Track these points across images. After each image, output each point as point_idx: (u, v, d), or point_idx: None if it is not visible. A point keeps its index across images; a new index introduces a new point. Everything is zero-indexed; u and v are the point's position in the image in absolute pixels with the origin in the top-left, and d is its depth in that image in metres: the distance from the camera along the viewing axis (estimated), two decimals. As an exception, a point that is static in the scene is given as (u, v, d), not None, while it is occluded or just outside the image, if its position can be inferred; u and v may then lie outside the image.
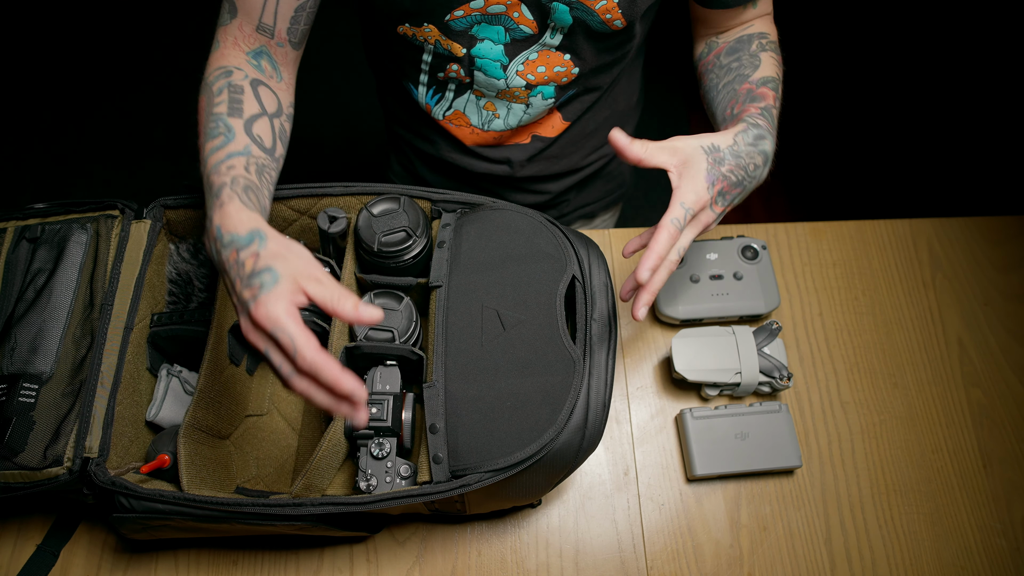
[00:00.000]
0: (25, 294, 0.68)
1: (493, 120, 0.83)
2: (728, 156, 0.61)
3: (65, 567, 0.74)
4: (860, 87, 2.15)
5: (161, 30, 2.30)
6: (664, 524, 0.78)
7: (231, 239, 0.54)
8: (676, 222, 0.59)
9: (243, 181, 0.58)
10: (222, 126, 0.61)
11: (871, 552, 0.77)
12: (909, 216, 0.99)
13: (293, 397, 0.81)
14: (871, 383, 0.86)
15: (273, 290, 0.50)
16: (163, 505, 0.60)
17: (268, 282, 0.50)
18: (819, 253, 0.95)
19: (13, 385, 0.63)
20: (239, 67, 0.66)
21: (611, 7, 0.69)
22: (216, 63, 0.67)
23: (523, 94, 0.79)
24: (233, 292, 0.53)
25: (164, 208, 0.74)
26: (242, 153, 0.60)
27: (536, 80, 0.77)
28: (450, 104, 0.83)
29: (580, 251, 0.68)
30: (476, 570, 0.75)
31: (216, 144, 0.60)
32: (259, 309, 0.50)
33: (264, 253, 0.52)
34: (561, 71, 0.77)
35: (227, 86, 0.64)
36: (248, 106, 0.63)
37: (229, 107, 0.62)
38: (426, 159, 0.96)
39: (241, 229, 0.54)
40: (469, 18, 0.71)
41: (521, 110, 0.82)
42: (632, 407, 0.84)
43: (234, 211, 0.55)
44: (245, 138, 0.61)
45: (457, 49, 0.74)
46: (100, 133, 2.13)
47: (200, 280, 0.77)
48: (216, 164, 0.59)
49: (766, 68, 0.73)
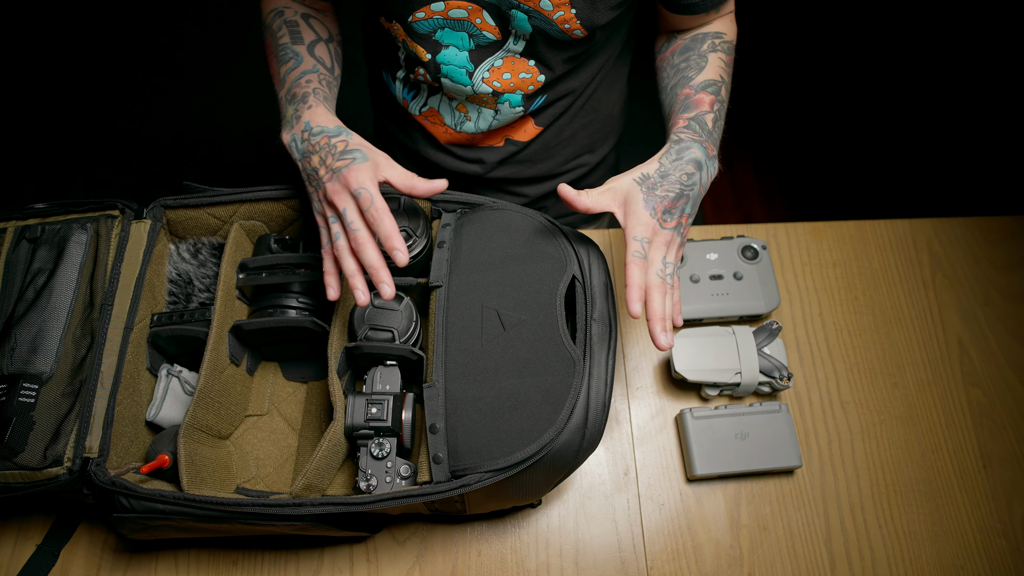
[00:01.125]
0: (25, 294, 0.68)
1: (465, 122, 0.84)
2: (658, 179, 0.65)
3: (65, 567, 0.74)
4: (860, 87, 2.15)
5: (161, 30, 2.30)
6: (664, 524, 0.78)
7: (321, 129, 0.65)
8: (637, 254, 0.61)
9: (323, 93, 0.69)
10: (290, 52, 0.72)
11: (871, 552, 0.77)
12: (909, 216, 0.99)
13: (293, 397, 0.81)
14: (871, 383, 0.86)
15: (363, 163, 0.62)
16: (163, 505, 0.60)
17: (359, 158, 0.63)
18: (819, 253, 0.95)
19: (13, 385, 0.63)
20: (287, 6, 0.76)
21: (568, 17, 0.69)
22: (268, 7, 0.78)
23: (491, 100, 0.79)
24: (322, 165, 0.64)
25: (164, 208, 0.74)
26: (313, 71, 0.71)
27: (503, 87, 0.78)
28: (425, 101, 0.85)
29: (580, 251, 0.68)
30: (476, 570, 0.75)
31: (290, 66, 0.72)
32: (351, 173, 0.61)
33: (352, 141, 0.64)
34: (527, 78, 0.77)
35: (284, 22, 0.74)
36: (306, 34, 0.74)
37: (291, 37, 0.73)
38: (406, 152, 0.96)
39: (330, 124, 0.66)
40: (431, 22, 0.72)
41: (491, 115, 0.82)
42: (632, 407, 0.84)
43: (323, 112, 0.67)
44: (311, 59, 0.72)
45: (422, 53, 0.75)
46: (100, 133, 2.12)
47: (200, 280, 0.77)
48: (296, 79, 0.70)
49: (710, 70, 0.74)
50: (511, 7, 0.69)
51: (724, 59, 0.76)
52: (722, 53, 0.76)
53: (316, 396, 0.79)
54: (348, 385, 0.71)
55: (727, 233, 0.93)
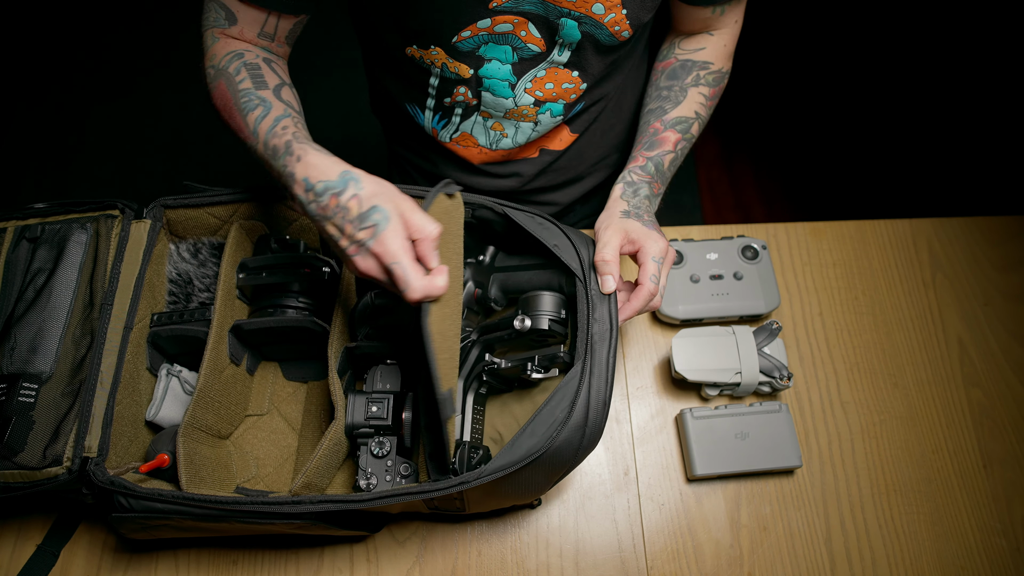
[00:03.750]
0: (25, 294, 0.68)
1: (501, 140, 0.83)
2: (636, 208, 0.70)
3: (65, 567, 0.74)
4: (860, 87, 2.15)
5: (161, 31, 2.30)
6: (664, 524, 0.78)
7: (325, 186, 0.57)
8: (654, 278, 0.65)
9: (302, 135, 0.61)
10: (255, 98, 0.65)
11: (871, 552, 0.77)
12: (909, 216, 0.99)
13: (293, 397, 0.81)
14: (871, 383, 0.86)
15: (388, 228, 0.55)
16: (161, 504, 0.60)
17: (382, 221, 0.55)
18: (819, 253, 0.95)
19: (13, 385, 0.63)
20: (247, 49, 0.69)
21: (620, 19, 0.69)
22: (223, 51, 0.69)
23: (531, 111, 0.79)
24: (343, 236, 0.57)
25: (164, 208, 0.74)
26: (286, 115, 0.63)
27: (544, 97, 0.77)
28: (457, 127, 0.83)
29: (581, 250, 0.68)
30: (476, 570, 0.75)
31: (259, 115, 0.63)
32: (378, 246, 0.55)
33: (364, 194, 0.56)
34: (569, 88, 0.77)
35: (243, 65, 0.67)
36: (269, 78, 0.67)
37: (253, 81, 0.66)
38: (430, 178, 0.95)
39: (331, 174, 0.57)
40: (476, 38, 0.70)
41: (529, 128, 0.81)
42: (632, 407, 0.84)
43: (315, 160, 0.58)
44: (281, 104, 0.65)
45: (464, 71, 0.74)
46: (100, 133, 2.13)
47: (200, 280, 0.77)
48: (269, 129, 0.62)
49: (686, 106, 0.78)
50: (560, 15, 0.68)
51: (705, 93, 0.79)
52: (704, 87, 0.79)
53: (316, 396, 0.79)
54: (348, 384, 0.71)
55: (727, 233, 0.93)
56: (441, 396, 0.56)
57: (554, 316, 0.67)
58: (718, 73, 0.80)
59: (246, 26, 0.69)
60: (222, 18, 0.69)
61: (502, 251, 0.75)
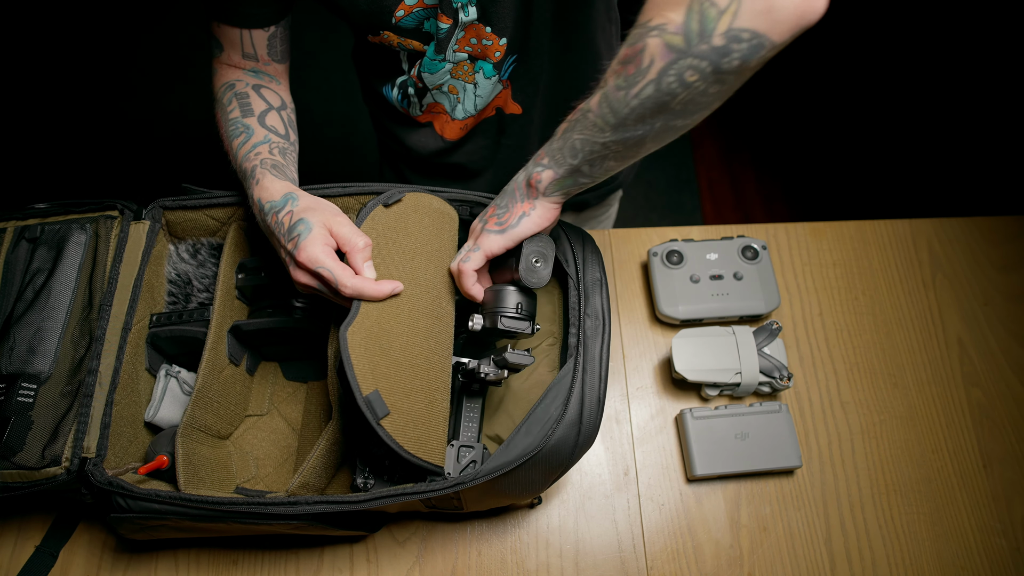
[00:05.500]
0: (24, 294, 0.68)
1: (456, 105, 0.82)
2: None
3: (65, 567, 0.74)
4: (860, 87, 2.14)
5: (161, 31, 2.30)
6: (664, 524, 0.78)
7: (270, 206, 0.64)
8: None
9: (270, 162, 0.68)
10: (240, 126, 0.71)
11: (871, 552, 0.77)
12: (909, 216, 0.99)
13: (293, 397, 0.81)
14: (871, 383, 0.86)
15: (309, 236, 0.60)
16: (159, 505, 0.60)
17: (303, 231, 0.60)
18: (819, 253, 0.94)
19: (11, 385, 0.63)
20: (239, 79, 0.75)
21: None
22: (219, 81, 0.76)
23: (469, 68, 0.78)
24: (281, 248, 0.63)
25: (163, 209, 0.74)
26: (263, 142, 0.70)
27: (473, 51, 0.75)
28: (421, 103, 0.83)
29: (575, 245, 0.67)
30: (476, 570, 0.75)
31: (240, 141, 0.70)
32: (301, 254, 0.60)
33: (296, 210, 0.62)
34: (489, 44, 0.75)
35: (234, 95, 0.73)
36: (256, 105, 0.73)
37: (241, 110, 0.72)
38: (408, 161, 0.95)
39: (276, 195, 0.64)
40: (413, 15, 0.71)
41: (472, 91, 0.80)
42: (632, 407, 0.84)
43: (268, 184, 0.65)
44: (262, 131, 0.71)
45: (419, 46, 0.75)
46: (100, 133, 2.13)
47: (199, 280, 0.77)
48: (245, 155, 0.69)
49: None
50: None
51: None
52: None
53: (316, 396, 0.79)
54: (347, 385, 0.71)
55: (727, 233, 0.93)
56: (360, 399, 0.55)
57: (509, 312, 0.63)
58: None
59: (231, 50, 0.75)
60: (217, 48, 0.75)
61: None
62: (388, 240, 0.65)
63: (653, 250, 0.88)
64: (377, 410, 0.56)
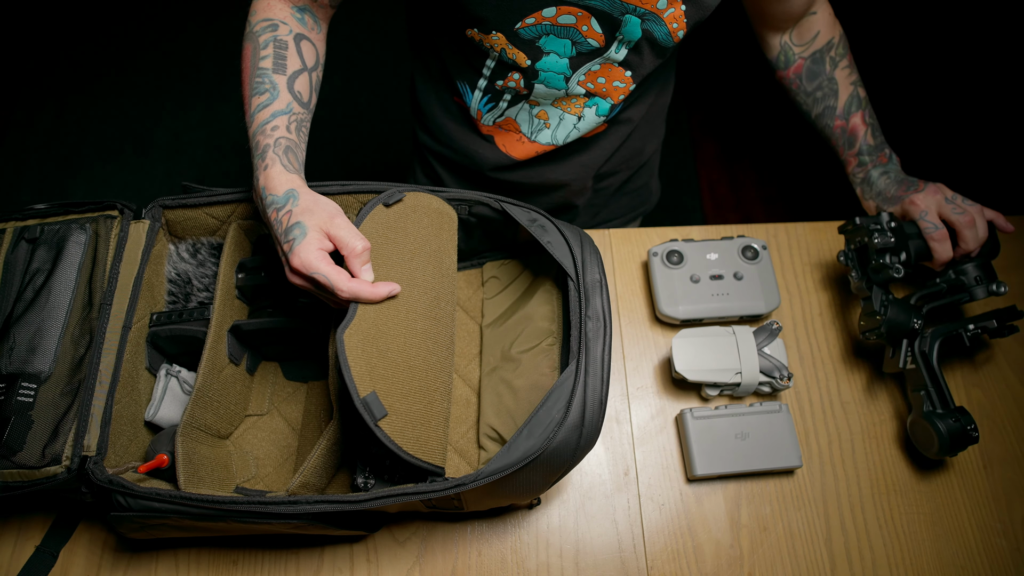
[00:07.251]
0: (24, 294, 0.68)
1: (543, 130, 0.82)
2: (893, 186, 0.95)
3: (65, 567, 0.74)
4: (860, 87, 2.14)
5: (161, 31, 2.30)
6: (664, 524, 0.78)
7: (272, 200, 0.62)
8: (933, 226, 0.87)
9: (284, 142, 0.65)
10: (267, 82, 0.67)
11: (871, 552, 0.77)
12: (909, 216, 0.98)
13: (293, 397, 0.81)
14: (871, 383, 0.86)
15: (303, 241, 0.59)
16: (159, 503, 0.60)
17: (298, 235, 0.59)
18: (819, 253, 0.94)
19: (11, 384, 0.63)
20: (284, 21, 0.70)
21: (679, 15, 0.69)
22: (262, 13, 0.70)
23: (580, 103, 0.78)
24: (277, 245, 0.62)
25: (163, 208, 0.74)
26: (285, 112, 0.66)
27: (595, 90, 0.77)
28: (503, 112, 0.82)
29: (574, 247, 0.67)
30: (476, 570, 0.75)
31: (262, 101, 0.66)
32: (295, 259, 0.59)
33: (295, 210, 0.61)
34: (619, 87, 0.77)
35: (273, 40, 0.68)
36: (291, 62, 0.68)
37: (274, 63, 0.67)
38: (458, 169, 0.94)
39: (279, 190, 0.62)
40: (539, 27, 0.70)
41: (572, 122, 0.81)
42: (632, 407, 0.84)
43: (275, 174, 0.63)
44: (288, 96, 0.67)
45: (522, 59, 0.73)
46: (100, 133, 2.13)
47: (199, 280, 0.77)
48: (262, 124, 0.65)
49: (843, 89, 0.87)
50: (625, 12, 0.68)
51: (846, 64, 0.87)
52: (842, 62, 0.87)
53: (316, 396, 0.79)
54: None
55: (727, 233, 0.93)
56: (358, 401, 0.55)
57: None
58: (841, 40, 0.87)
59: None
60: None
61: (500, 250, 0.74)
62: (387, 240, 0.65)
63: (653, 250, 0.88)
64: (375, 411, 0.56)
